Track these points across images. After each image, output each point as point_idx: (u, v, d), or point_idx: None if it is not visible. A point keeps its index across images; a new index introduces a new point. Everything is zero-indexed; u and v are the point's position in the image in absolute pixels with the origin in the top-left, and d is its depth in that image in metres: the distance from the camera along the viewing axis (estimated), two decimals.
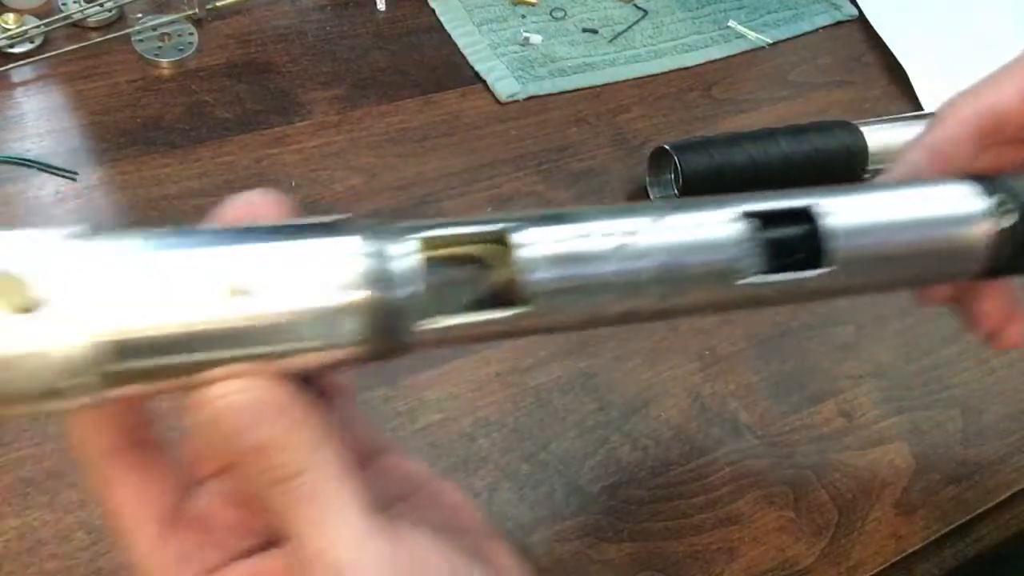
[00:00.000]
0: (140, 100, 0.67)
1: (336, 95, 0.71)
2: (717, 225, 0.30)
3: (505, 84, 0.74)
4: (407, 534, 0.27)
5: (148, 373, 0.24)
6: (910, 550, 0.55)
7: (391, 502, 0.30)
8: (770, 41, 0.84)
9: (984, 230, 0.34)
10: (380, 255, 0.26)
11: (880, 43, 0.86)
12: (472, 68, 0.75)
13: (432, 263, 0.27)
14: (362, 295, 0.25)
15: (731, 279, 0.30)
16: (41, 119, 0.65)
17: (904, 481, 0.57)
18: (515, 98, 0.73)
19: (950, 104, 0.39)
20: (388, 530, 0.26)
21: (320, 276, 0.25)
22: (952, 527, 0.56)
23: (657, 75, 0.79)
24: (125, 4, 0.71)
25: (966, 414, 0.61)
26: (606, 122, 0.74)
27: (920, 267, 0.34)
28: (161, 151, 0.65)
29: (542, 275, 0.28)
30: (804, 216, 0.32)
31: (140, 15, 0.72)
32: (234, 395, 0.24)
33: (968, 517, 0.57)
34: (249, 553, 0.28)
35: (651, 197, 0.69)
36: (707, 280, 0.30)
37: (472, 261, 0.28)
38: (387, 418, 0.54)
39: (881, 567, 0.54)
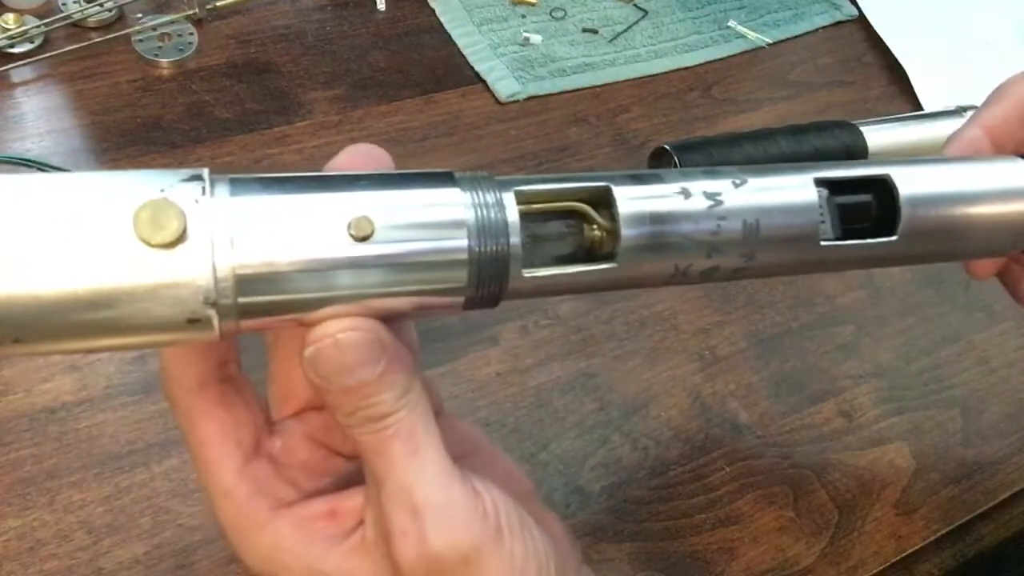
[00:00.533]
0: (140, 100, 0.67)
1: (336, 95, 0.71)
2: (798, 189, 0.32)
3: (505, 84, 0.74)
4: (482, 487, 0.28)
5: (271, 307, 0.25)
6: (910, 550, 0.55)
7: (458, 460, 0.31)
8: (770, 41, 0.84)
9: None
10: (485, 205, 0.27)
11: (880, 43, 0.86)
12: (472, 68, 0.75)
13: (529, 216, 0.29)
14: (467, 243, 0.27)
15: (812, 241, 0.32)
16: (41, 119, 0.65)
17: (904, 481, 0.57)
18: (515, 98, 0.73)
19: (1007, 83, 0.40)
20: (468, 480, 0.27)
21: (431, 223, 0.27)
22: (952, 527, 0.56)
23: (657, 75, 0.79)
24: (125, 4, 0.71)
25: (966, 414, 0.61)
26: (606, 122, 0.74)
27: (980, 238, 0.36)
28: (161, 151, 0.65)
29: (633, 231, 0.29)
30: (878, 184, 0.33)
31: (140, 15, 0.72)
32: (342, 333, 0.26)
33: (968, 517, 0.57)
34: (323, 493, 0.29)
35: None
36: (789, 243, 0.31)
37: (566, 216, 0.30)
38: None
39: (881, 567, 0.54)
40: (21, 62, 0.67)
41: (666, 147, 0.66)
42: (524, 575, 0.28)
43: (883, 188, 0.33)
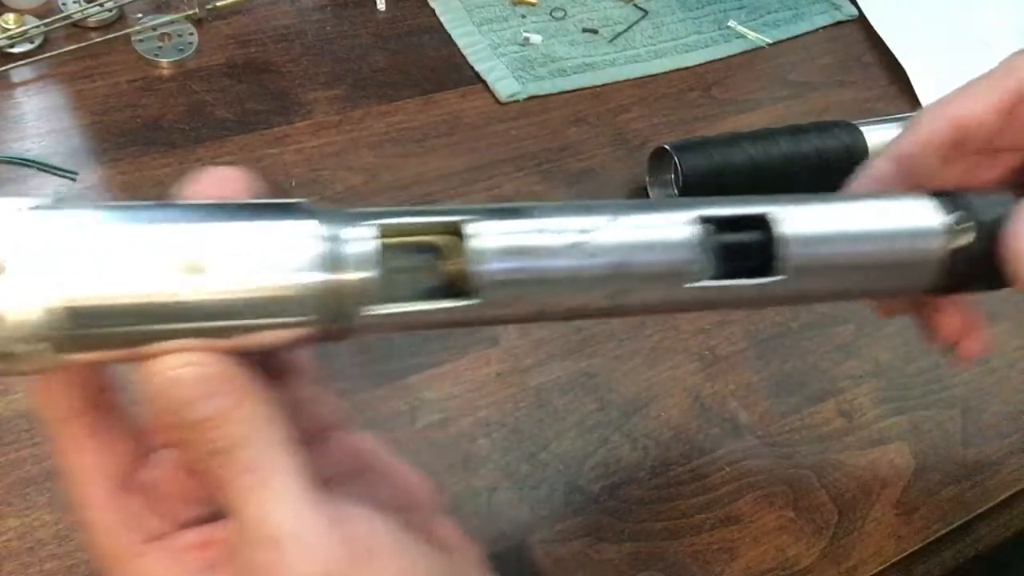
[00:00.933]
0: (140, 100, 0.67)
1: (336, 95, 0.71)
2: (671, 227, 0.31)
3: (505, 84, 0.74)
4: (350, 510, 0.27)
5: (99, 341, 0.24)
6: (910, 550, 0.55)
7: (343, 479, 0.31)
8: (770, 41, 0.84)
9: (939, 247, 0.34)
10: (335, 239, 0.26)
11: (880, 43, 0.86)
12: (472, 68, 0.75)
13: (386, 249, 0.27)
14: (315, 277, 0.26)
15: (681, 282, 0.31)
16: (41, 119, 0.65)
17: (904, 481, 0.57)
18: (515, 98, 0.73)
19: (920, 114, 0.39)
20: (329, 505, 0.27)
21: (274, 257, 0.25)
22: (952, 527, 0.56)
23: (657, 75, 0.79)
24: (125, 4, 0.71)
25: (966, 414, 0.61)
26: (606, 122, 0.74)
27: (872, 280, 0.35)
28: (161, 151, 0.65)
29: (493, 267, 0.28)
30: (759, 223, 0.32)
31: (140, 15, 0.72)
32: (180, 368, 0.25)
33: (968, 517, 0.57)
34: (197, 523, 0.29)
35: (651, 197, 0.69)
36: (657, 282, 0.30)
37: (426, 250, 0.29)
38: (387, 418, 0.54)
39: (881, 567, 0.54)
40: (21, 62, 0.67)
41: (666, 147, 0.66)
42: None
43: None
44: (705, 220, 0.31)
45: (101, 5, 0.70)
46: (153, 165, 0.64)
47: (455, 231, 0.28)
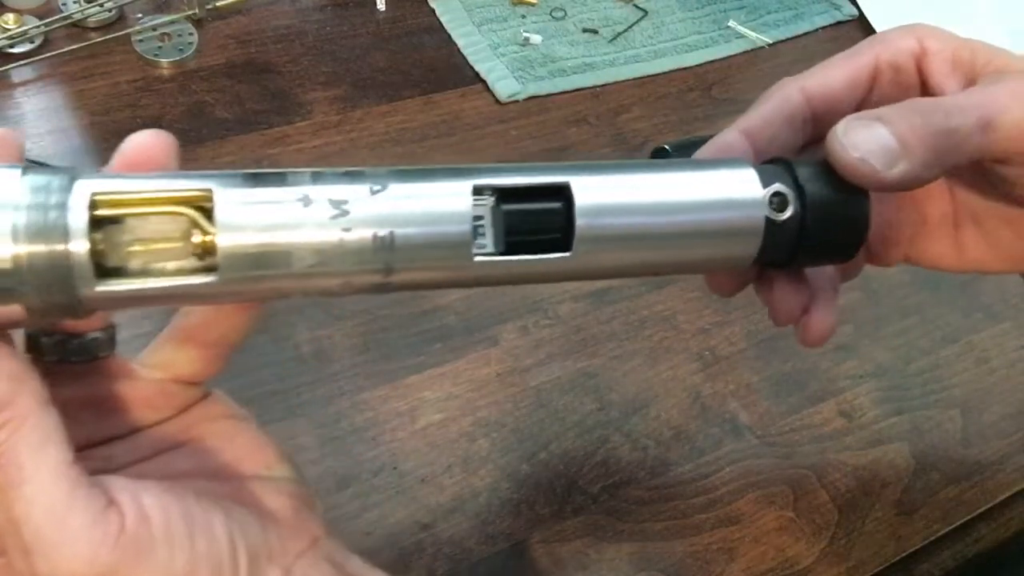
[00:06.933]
0: (140, 100, 0.67)
1: (336, 95, 0.71)
2: (446, 198, 0.28)
3: (505, 84, 0.74)
4: (125, 499, 0.26)
5: None
6: (910, 550, 0.55)
7: (135, 463, 0.31)
8: (770, 41, 0.84)
9: (753, 217, 0.32)
10: (44, 207, 0.24)
11: None
12: (472, 68, 0.75)
13: (105, 221, 0.25)
14: (21, 250, 0.24)
15: (456, 258, 0.28)
16: (41, 119, 0.65)
17: (904, 481, 0.57)
18: (515, 98, 0.73)
19: (775, 86, 0.38)
20: (95, 501, 0.26)
21: None
22: (952, 527, 0.56)
23: (657, 75, 0.79)
24: (125, 4, 0.71)
25: (966, 414, 0.61)
26: (606, 122, 0.74)
27: (682, 253, 0.32)
28: None
29: (237, 240, 0.26)
30: (548, 193, 0.29)
31: (140, 15, 0.72)
32: None
33: (968, 517, 0.57)
34: None
35: None
36: (434, 257, 0.28)
37: (156, 221, 0.26)
38: (387, 418, 0.54)
39: (881, 567, 0.54)
40: (21, 62, 0.67)
41: (666, 147, 0.66)
42: None
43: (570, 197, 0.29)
44: (488, 189, 0.28)
45: (101, 5, 0.70)
46: None
47: (185, 201, 0.26)
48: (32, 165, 0.25)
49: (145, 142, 0.28)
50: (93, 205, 0.25)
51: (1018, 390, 0.63)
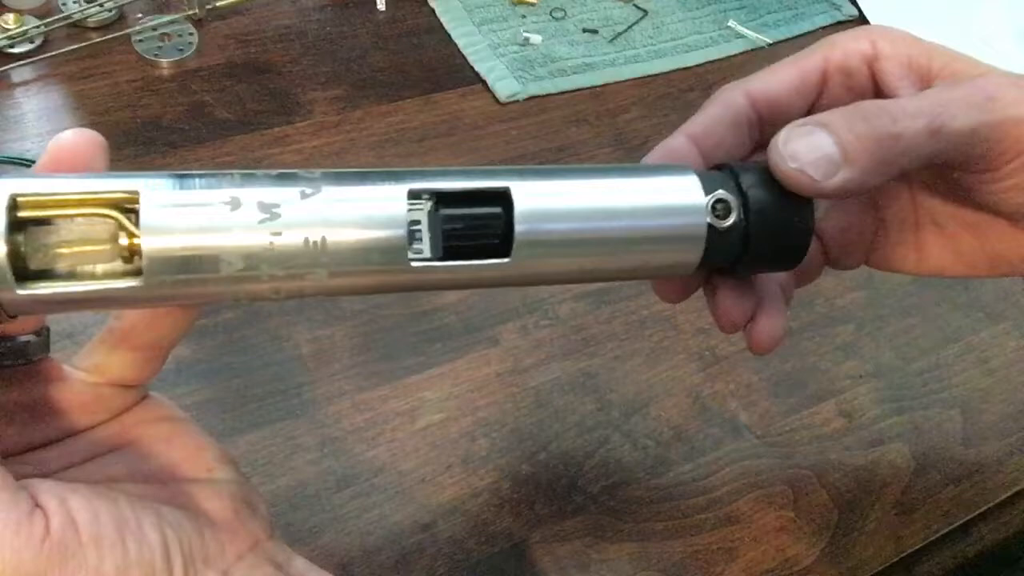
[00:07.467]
0: (140, 100, 0.67)
1: (336, 95, 0.71)
2: (383, 201, 0.28)
3: (505, 84, 0.74)
4: (50, 504, 0.26)
5: None
6: (910, 550, 0.55)
7: (91, 458, 0.31)
8: (770, 41, 0.84)
9: (694, 223, 0.31)
10: None
11: None
12: (472, 68, 0.75)
13: (28, 223, 0.25)
14: None
15: (398, 262, 0.28)
16: (41, 119, 0.65)
17: (904, 481, 0.57)
18: (515, 98, 0.73)
19: (719, 91, 0.38)
20: (17, 507, 0.26)
21: None
22: (952, 527, 0.56)
23: (657, 75, 0.79)
24: (125, 4, 0.71)
25: (966, 414, 0.61)
26: (606, 122, 0.74)
27: (622, 260, 0.32)
28: (161, 151, 0.65)
29: (161, 244, 0.25)
30: (488, 198, 0.29)
31: (140, 15, 0.72)
32: None
33: (968, 517, 0.57)
34: None
35: None
36: (367, 263, 0.27)
37: (83, 223, 0.26)
38: (387, 418, 0.54)
39: (881, 567, 0.54)
40: (21, 62, 0.67)
41: None
42: None
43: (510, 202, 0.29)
44: (425, 194, 0.28)
45: (101, 5, 0.70)
46: (153, 165, 0.64)
47: (108, 203, 0.26)
48: None
49: (72, 141, 0.28)
50: (14, 207, 0.24)
51: (1018, 390, 0.63)
